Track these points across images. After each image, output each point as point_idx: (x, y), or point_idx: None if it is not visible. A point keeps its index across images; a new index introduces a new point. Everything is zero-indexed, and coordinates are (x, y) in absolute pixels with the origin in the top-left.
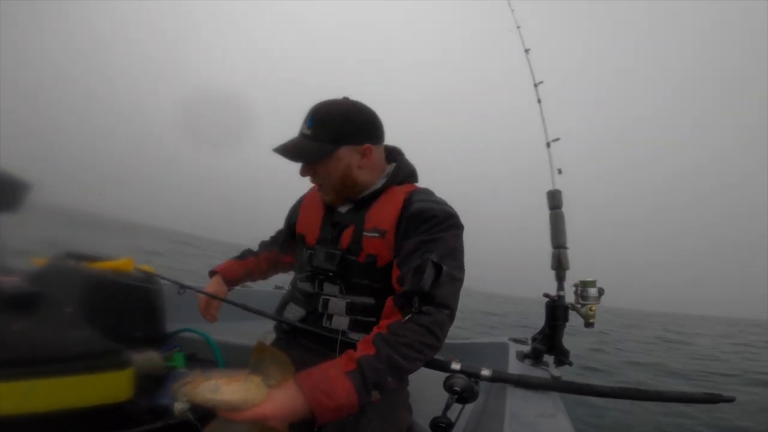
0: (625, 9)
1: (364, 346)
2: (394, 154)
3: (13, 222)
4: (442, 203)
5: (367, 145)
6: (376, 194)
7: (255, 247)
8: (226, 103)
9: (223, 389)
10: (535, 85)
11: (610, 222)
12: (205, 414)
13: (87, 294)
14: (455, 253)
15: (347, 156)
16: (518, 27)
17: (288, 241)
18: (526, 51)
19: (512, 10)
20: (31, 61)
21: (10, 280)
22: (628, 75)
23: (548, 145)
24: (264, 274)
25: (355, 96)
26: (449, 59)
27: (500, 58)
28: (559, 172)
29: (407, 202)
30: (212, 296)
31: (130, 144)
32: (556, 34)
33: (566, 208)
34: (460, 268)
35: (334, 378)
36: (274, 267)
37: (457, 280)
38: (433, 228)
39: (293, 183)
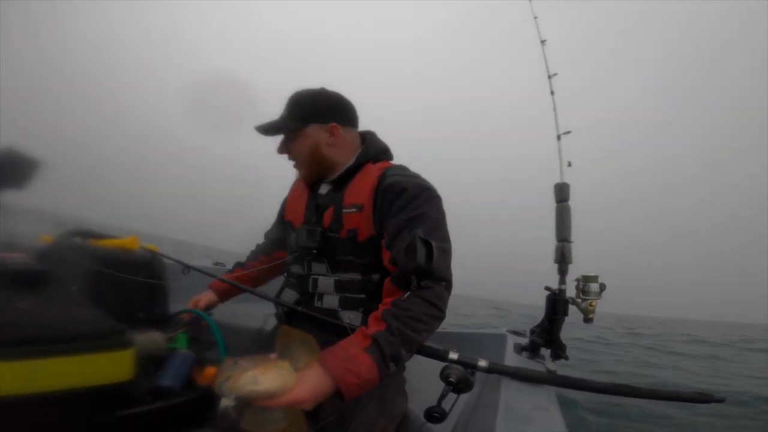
0: (636, 15)
1: (374, 323)
2: (367, 137)
3: (20, 199)
4: (414, 176)
5: (333, 124)
6: (352, 172)
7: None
8: (230, 87)
9: (261, 379)
10: (549, 77)
11: (611, 226)
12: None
13: (92, 272)
14: (439, 224)
15: (315, 133)
16: (535, 18)
17: (282, 236)
18: (542, 42)
19: (530, 0)
20: (32, 61)
21: (16, 256)
22: (637, 81)
23: (559, 137)
24: (256, 281)
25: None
26: (463, 59)
27: (512, 58)
28: (569, 164)
29: (381, 176)
30: (214, 276)
31: (127, 147)
32: (565, 33)
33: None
34: (446, 238)
35: (356, 356)
36: (269, 273)
37: (447, 251)
38: (411, 203)
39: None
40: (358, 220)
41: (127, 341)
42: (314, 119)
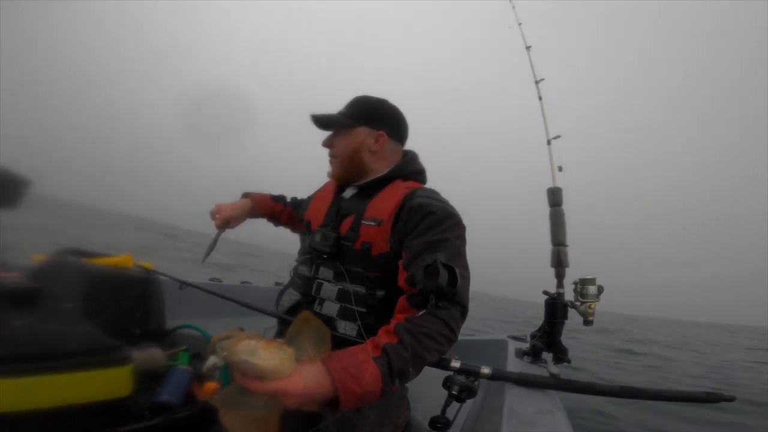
0: (628, 10)
1: (386, 335)
2: (408, 155)
3: (12, 218)
4: (443, 202)
5: (382, 132)
6: (381, 184)
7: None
8: (230, 100)
9: (260, 353)
10: (536, 83)
11: (604, 224)
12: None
13: (86, 290)
14: (460, 252)
15: (362, 135)
16: (520, 24)
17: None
18: (528, 48)
19: (513, 7)
20: (34, 56)
21: (9, 276)
22: (629, 78)
23: (549, 142)
24: (277, 223)
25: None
26: (448, 59)
27: (500, 59)
28: (560, 169)
29: (409, 196)
30: (211, 292)
31: (131, 138)
32: (555, 35)
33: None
34: (467, 267)
35: (364, 362)
36: (290, 224)
37: (467, 279)
38: (436, 227)
39: (301, 181)
40: (374, 234)
41: (125, 357)
42: (366, 122)
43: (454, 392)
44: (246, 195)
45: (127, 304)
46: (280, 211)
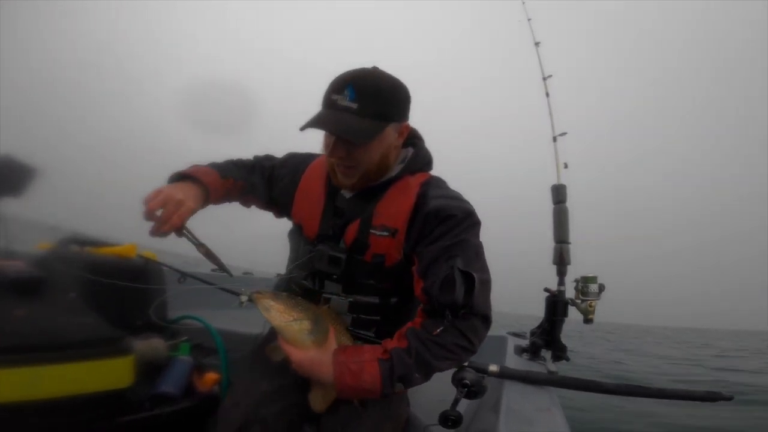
0: (633, 7)
1: (398, 338)
2: (412, 138)
3: (17, 206)
4: (458, 198)
5: (406, 123)
6: (388, 182)
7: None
8: (230, 93)
9: (272, 312)
10: (544, 79)
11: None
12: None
13: (89, 280)
14: (478, 253)
15: (390, 135)
16: (529, 19)
17: (264, 197)
18: (536, 44)
19: (523, 2)
20: (36, 53)
21: (14, 264)
22: (636, 74)
23: (554, 139)
24: (227, 201)
25: None
26: (455, 56)
27: (507, 56)
28: (565, 166)
29: (422, 197)
30: (212, 284)
31: (132, 134)
32: (563, 30)
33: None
34: (486, 268)
35: (367, 362)
36: (240, 199)
37: (487, 282)
38: (453, 230)
39: None
40: (388, 246)
41: (126, 348)
42: (394, 117)
43: (466, 382)
44: (181, 175)
45: (129, 295)
46: (232, 187)
